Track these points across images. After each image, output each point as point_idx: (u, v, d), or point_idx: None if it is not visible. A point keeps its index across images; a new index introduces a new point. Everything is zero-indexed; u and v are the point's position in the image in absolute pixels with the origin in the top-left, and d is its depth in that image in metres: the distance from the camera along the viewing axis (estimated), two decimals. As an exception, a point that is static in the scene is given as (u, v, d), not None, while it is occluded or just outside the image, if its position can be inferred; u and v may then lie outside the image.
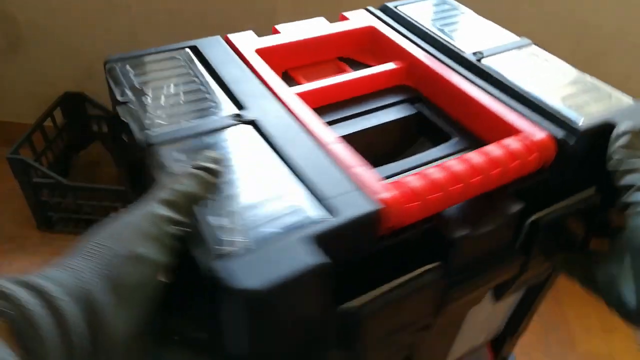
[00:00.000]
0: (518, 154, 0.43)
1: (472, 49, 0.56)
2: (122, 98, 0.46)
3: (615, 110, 0.48)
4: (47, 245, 1.39)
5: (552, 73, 0.53)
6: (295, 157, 0.40)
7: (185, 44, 0.53)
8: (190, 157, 0.39)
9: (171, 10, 1.33)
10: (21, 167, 1.27)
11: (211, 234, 0.33)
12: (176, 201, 0.33)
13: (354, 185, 0.38)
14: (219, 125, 0.43)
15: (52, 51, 1.47)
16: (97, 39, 1.43)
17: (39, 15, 1.41)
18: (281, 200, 0.36)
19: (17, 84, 1.55)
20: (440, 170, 0.40)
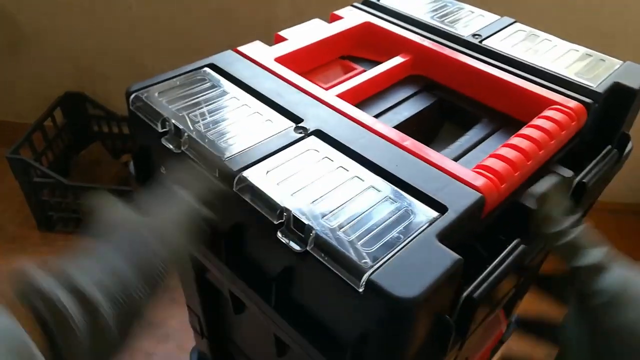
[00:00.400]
0: (565, 124, 0.46)
1: (468, 32, 0.59)
2: (165, 129, 0.43)
3: (614, 72, 0.53)
4: (47, 245, 1.38)
5: (546, 46, 0.58)
6: (376, 160, 0.40)
7: (201, 62, 0.50)
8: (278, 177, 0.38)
9: (171, 10, 1.34)
10: (21, 166, 1.26)
11: (350, 250, 0.33)
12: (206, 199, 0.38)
13: (447, 178, 0.39)
14: (289, 141, 0.41)
15: (53, 51, 1.46)
16: (97, 38, 1.42)
17: (39, 15, 1.41)
18: (387, 205, 0.37)
19: (17, 84, 1.54)
20: (511, 150, 0.42)
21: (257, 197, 0.37)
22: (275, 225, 0.36)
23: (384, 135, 0.43)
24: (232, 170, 0.38)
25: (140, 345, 1.18)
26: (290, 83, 0.48)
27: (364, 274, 0.32)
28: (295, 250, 0.35)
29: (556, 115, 0.47)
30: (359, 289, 0.32)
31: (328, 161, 0.40)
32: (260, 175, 0.38)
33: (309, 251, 0.34)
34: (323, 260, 0.33)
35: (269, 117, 0.44)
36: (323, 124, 0.43)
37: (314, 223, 0.35)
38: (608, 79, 0.52)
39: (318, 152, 0.41)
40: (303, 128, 0.43)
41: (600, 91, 0.50)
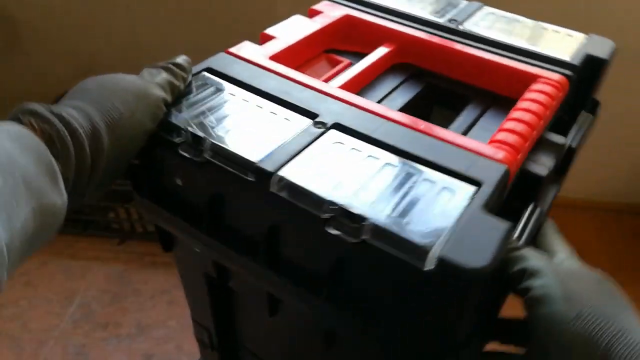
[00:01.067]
0: (554, 96, 0.50)
1: (444, 18, 0.61)
2: (181, 139, 0.42)
3: (583, 45, 0.58)
4: (47, 245, 1.31)
5: (517, 26, 0.61)
6: (401, 145, 0.41)
7: (198, 68, 0.49)
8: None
9: (171, 10, 1.34)
10: None
11: (407, 232, 0.34)
12: (167, 87, 0.44)
13: (473, 155, 0.41)
14: (313, 137, 0.42)
15: (52, 51, 1.47)
16: (97, 39, 1.42)
17: (38, 15, 1.41)
18: (427, 186, 0.38)
19: (17, 84, 1.53)
20: (518, 123, 0.45)
21: (300, 194, 0.37)
22: (323, 219, 0.36)
23: (400, 122, 0.44)
24: (268, 171, 0.38)
25: (140, 345, 1.17)
26: (293, 80, 0.48)
27: (428, 253, 0.33)
28: (350, 241, 0.35)
29: (546, 88, 0.50)
30: (426, 268, 0.33)
31: (356, 152, 0.41)
32: (297, 173, 0.38)
33: (366, 240, 0.35)
34: (382, 246, 0.34)
35: (285, 116, 0.44)
36: (339, 117, 0.44)
37: (366, 212, 0.35)
38: (580, 52, 0.56)
39: (343, 144, 0.41)
40: (322, 123, 0.43)
41: (576, 63, 0.54)
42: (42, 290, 1.32)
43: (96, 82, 0.42)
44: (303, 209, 0.37)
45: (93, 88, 0.41)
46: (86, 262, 1.37)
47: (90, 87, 0.41)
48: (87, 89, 0.41)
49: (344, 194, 0.37)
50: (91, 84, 0.42)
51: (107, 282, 1.33)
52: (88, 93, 0.40)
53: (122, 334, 1.21)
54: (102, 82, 0.42)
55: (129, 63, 1.38)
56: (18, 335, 1.22)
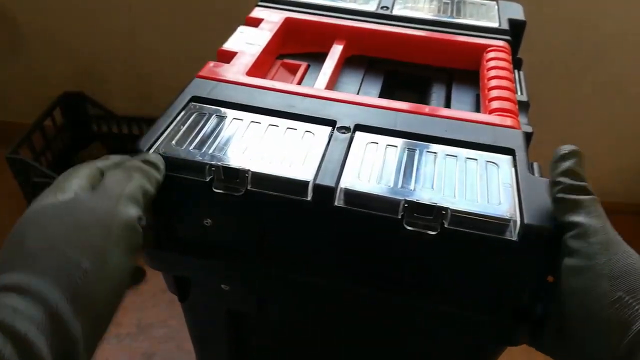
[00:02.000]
0: (508, 59, 0.55)
1: (374, 7, 0.64)
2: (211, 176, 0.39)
3: (499, 11, 0.64)
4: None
5: (437, 3, 0.66)
6: (427, 132, 0.43)
7: (182, 100, 0.45)
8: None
9: (171, 10, 1.33)
10: (21, 167, 1.26)
11: (486, 211, 0.36)
12: (139, 198, 0.34)
13: (490, 127, 0.44)
14: (346, 143, 0.41)
15: (52, 51, 1.47)
16: (97, 39, 1.43)
17: (39, 15, 1.41)
18: (473, 165, 0.40)
19: (17, 84, 1.55)
20: (501, 90, 0.49)
21: (370, 200, 0.37)
22: (399, 220, 0.37)
23: (407, 110, 0.46)
24: (330, 187, 0.37)
25: (141, 345, 1.15)
26: (287, 92, 0.47)
27: (512, 224, 0.35)
28: (431, 234, 0.36)
29: (501, 55, 0.55)
30: (514, 239, 0.35)
31: (392, 147, 0.42)
32: (357, 181, 0.38)
33: (447, 229, 0.36)
34: (467, 230, 0.36)
35: (305, 129, 0.43)
36: (356, 118, 0.44)
37: (440, 202, 0.36)
38: (502, 18, 0.63)
39: (377, 143, 0.42)
40: (345, 128, 0.43)
41: (506, 28, 0.60)
42: None
43: (39, 226, 0.30)
44: (374, 215, 0.37)
45: (38, 240, 0.29)
46: None
47: (34, 239, 0.29)
48: (28, 246, 0.29)
49: (411, 190, 0.37)
50: (34, 232, 0.30)
51: None
52: (32, 252, 0.29)
53: (123, 333, 1.19)
54: (49, 225, 0.30)
55: (129, 63, 1.41)
56: None
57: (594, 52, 1.31)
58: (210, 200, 0.39)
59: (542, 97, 1.35)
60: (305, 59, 0.59)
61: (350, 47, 0.60)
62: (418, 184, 0.38)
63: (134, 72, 1.42)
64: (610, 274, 0.32)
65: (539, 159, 0.45)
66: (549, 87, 1.34)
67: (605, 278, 0.32)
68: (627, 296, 0.31)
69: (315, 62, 0.58)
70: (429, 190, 0.38)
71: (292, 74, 0.57)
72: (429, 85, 0.58)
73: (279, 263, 0.42)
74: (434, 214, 0.36)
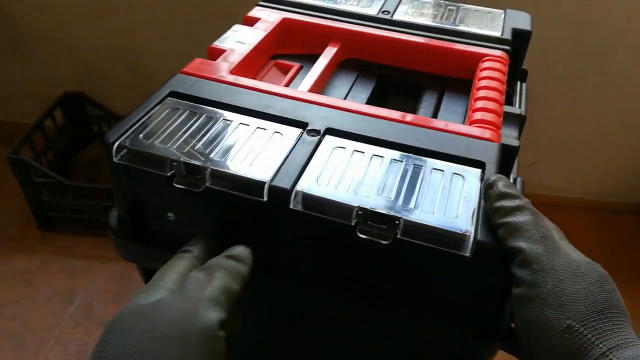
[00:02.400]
0: (503, 70, 0.53)
1: (375, 10, 0.63)
2: (173, 171, 0.39)
3: (504, 20, 0.62)
4: (47, 245, 1.42)
5: (442, 10, 0.65)
6: (398, 140, 0.42)
7: (161, 94, 0.46)
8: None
9: (171, 10, 1.33)
10: (21, 167, 1.27)
11: (441, 224, 0.35)
12: (222, 300, 0.33)
13: (465, 138, 0.43)
14: (312, 146, 0.41)
15: (52, 51, 1.48)
16: (97, 39, 1.43)
17: (39, 15, 1.42)
18: (438, 176, 0.39)
19: (17, 84, 1.56)
20: (487, 101, 0.48)
21: (324, 205, 0.36)
22: (352, 227, 0.36)
23: (386, 117, 0.45)
24: (285, 189, 0.37)
25: None
26: (267, 92, 0.47)
27: (466, 239, 0.34)
28: (383, 244, 0.35)
29: (495, 65, 0.54)
30: (467, 254, 0.34)
31: (358, 153, 0.41)
32: (314, 185, 0.37)
33: (400, 239, 0.35)
34: (420, 242, 0.35)
35: (275, 129, 0.43)
36: (328, 122, 0.44)
37: (395, 212, 0.36)
38: (506, 27, 0.61)
39: (344, 148, 0.41)
40: (315, 130, 0.43)
41: (508, 38, 0.59)
42: (43, 289, 1.32)
43: (122, 334, 0.30)
44: (328, 220, 0.36)
45: (118, 347, 0.30)
46: (87, 261, 1.37)
47: (115, 346, 0.30)
48: (108, 355, 0.30)
49: (367, 197, 0.37)
50: (115, 340, 0.30)
51: (108, 281, 1.33)
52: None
53: None
54: (129, 332, 0.30)
55: (129, 63, 1.43)
56: (19, 334, 1.23)
57: (594, 52, 1.30)
58: (173, 195, 0.40)
59: (542, 97, 1.37)
60: (301, 60, 0.59)
61: (345, 50, 0.60)
62: (377, 192, 0.37)
63: (134, 72, 1.44)
64: (557, 302, 0.30)
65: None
66: (549, 87, 1.34)
67: (552, 307, 0.30)
68: (576, 324, 0.29)
69: (309, 64, 0.58)
70: (386, 199, 0.37)
71: (284, 75, 0.57)
72: (422, 92, 0.56)
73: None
74: (388, 223, 0.35)
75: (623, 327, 0.30)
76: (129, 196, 0.42)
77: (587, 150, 1.51)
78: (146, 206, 0.43)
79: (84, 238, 1.44)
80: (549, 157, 1.53)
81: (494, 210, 0.35)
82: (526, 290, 0.32)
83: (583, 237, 1.63)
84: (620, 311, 0.31)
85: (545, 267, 0.31)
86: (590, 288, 0.31)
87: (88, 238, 1.43)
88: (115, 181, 0.42)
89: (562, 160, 1.54)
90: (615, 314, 0.30)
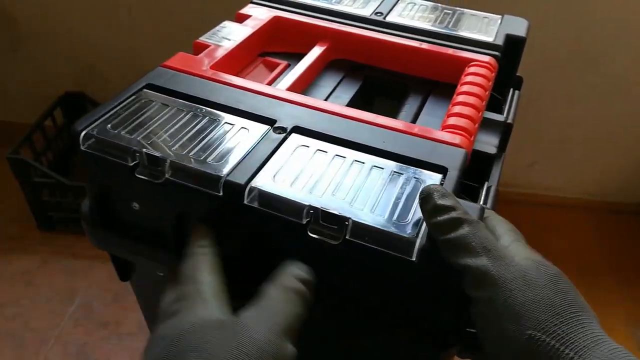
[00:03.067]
0: (488, 77, 0.53)
1: (369, 12, 0.63)
2: (135, 161, 0.40)
3: (499, 26, 0.61)
4: (47, 245, 1.41)
5: (438, 13, 0.64)
6: (363, 141, 0.42)
7: (137, 85, 0.47)
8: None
9: (171, 10, 1.34)
10: (21, 166, 1.28)
11: (390, 227, 0.35)
12: (294, 327, 0.32)
13: (432, 143, 0.42)
14: (275, 143, 0.41)
15: (52, 51, 1.48)
16: (97, 38, 1.43)
17: (39, 15, 1.42)
18: (397, 178, 0.39)
19: (17, 84, 1.56)
20: (464, 107, 0.47)
21: (277, 202, 0.37)
22: (303, 225, 0.36)
23: (356, 118, 0.45)
24: (240, 184, 0.37)
25: (141, 344, 1.20)
26: (241, 88, 0.47)
27: (414, 244, 0.34)
28: (332, 243, 0.35)
29: (480, 71, 0.53)
30: (413, 259, 0.34)
31: (321, 153, 0.41)
32: (269, 182, 0.38)
33: (349, 240, 0.35)
34: (367, 244, 0.35)
35: (242, 125, 0.43)
36: (297, 120, 0.44)
37: (345, 212, 0.35)
38: (500, 32, 0.60)
39: (308, 147, 0.41)
40: (281, 128, 0.43)
41: (500, 43, 0.58)
42: (43, 289, 1.32)
43: (203, 350, 0.29)
44: (280, 217, 0.36)
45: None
46: (87, 261, 1.38)
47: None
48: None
49: (320, 197, 0.37)
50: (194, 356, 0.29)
51: (108, 281, 1.33)
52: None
53: (123, 333, 1.22)
54: (212, 351, 0.29)
55: (129, 63, 1.44)
56: (19, 334, 1.23)
57: (594, 52, 1.30)
58: (136, 185, 0.40)
59: (542, 97, 1.35)
60: (290, 59, 0.59)
61: (334, 50, 0.59)
62: (332, 192, 0.37)
63: (135, 72, 1.43)
64: (513, 314, 0.29)
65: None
66: (549, 87, 1.33)
67: (510, 320, 0.29)
68: (538, 333, 0.28)
69: (297, 62, 0.58)
70: (340, 199, 0.37)
71: (269, 72, 0.57)
72: (406, 95, 0.56)
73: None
74: (338, 224, 0.35)
75: (586, 324, 0.29)
76: (96, 184, 0.43)
77: (586, 150, 1.50)
78: (113, 195, 0.43)
79: (84, 238, 1.39)
80: (548, 157, 1.52)
81: (432, 227, 0.33)
82: (481, 307, 0.31)
83: (582, 237, 1.57)
84: (580, 308, 0.30)
85: (494, 281, 0.30)
86: (544, 292, 0.30)
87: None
88: (84, 167, 0.43)
89: (561, 160, 1.53)
90: (574, 313, 0.29)
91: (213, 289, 0.34)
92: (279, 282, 0.35)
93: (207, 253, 0.37)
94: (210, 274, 0.35)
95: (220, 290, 0.35)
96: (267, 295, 0.34)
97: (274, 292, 0.34)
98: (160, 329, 0.33)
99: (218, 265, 0.37)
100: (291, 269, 0.36)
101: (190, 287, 0.34)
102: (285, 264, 0.36)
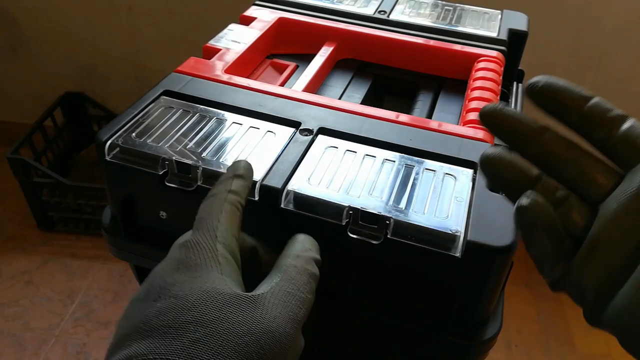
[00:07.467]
0: (498, 71, 0.53)
1: (372, 10, 0.63)
2: (165, 170, 0.39)
3: (501, 21, 0.62)
4: (47, 245, 1.42)
5: (439, 10, 0.65)
6: (390, 140, 0.42)
7: (154, 92, 0.46)
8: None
9: (171, 10, 1.34)
10: (21, 166, 1.28)
11: (431, 223, 0.35)
12: (306, 316, 0.29)
13: (457, 138, 0.43)
14: (305, 145, 0.41)
15: (52, 51, 1.49)
16: (97, 39, 1.44)
17: (39, 15, 1.43)
18: (430, 175, 0.39)
19: (18, 84, 1.57)
20: (481, 102, 0.48)
21: (315, 204, 0.36)
22: (343, 226, 0.36)
23: (378, 117, 0.45)
24: (276, 188, 0.37)
25: None
26: (260, 91, 0.47)
27: (456, 240, 0.34)
28: (374, 243, 0.35)
29: (490, 65, 0.54)
30: (457, 254, 0.34)
31: (351, 153, 0.41)
32: (305, 184, 0.37)
33: (391, 239, 0.35)
34: (410, 242, 0.35)
35: (268, 129, 0.43)
36: (322, 122, 0.44)
37: (385, 211, 0.35)
38: (502, 28, 0.61)
39: (337, 147, 0.41)
40: (308, 130, 0.43)
41: (504, 38, 0.59)
42: (44, 289, 1.33)
43: (212, 322, 0.26)
44: (319, 219, 0.36)
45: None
46: (87, 261, 1.38)
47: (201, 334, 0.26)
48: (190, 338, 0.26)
49: (358, 197, 0.37)
50: (203, 330, 0.26)
51: (108, 281, 1.34)
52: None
53: None
54: (223, 329, 0.26)
55: (129, 63, 1.44)
56: (19, 334, 1.23)
57: (594, 51, 1.30)
58: (165, 194, 0.40)
59: None
60: (297, 60, 0.59)
61: (341, 50, 0.60)
62: (368, 192, 0.37)
63: (134, 72, 1.45)
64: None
65: None
66: None
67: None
68: None
69: (305, 63, 0.58)
70: (377, 199, 0.37)
71: (279, 74, 0.57)
72: (417, 93, 0.56)
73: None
74: (378, 223, 0.35)
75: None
76: (121, 194, 0.42)
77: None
78: (138, 205, 0.43)
79: (84, 238, 1.44)
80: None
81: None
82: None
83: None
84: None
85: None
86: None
87: (88, 238, 1.44)
88: (107, 179, 0.42)
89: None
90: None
91: (231, 249, 0.30)
92: (299, 265, 0.31)
93: (234, 202, 0.32)
94: (230, 229, 0.31)
95: (237, 252, 0.31)
96: (286, 276, 0.30)
97: (293, 272, 0.30)
98: (164, 280, 0.29)
99: (239, 219, 0.32)
100: (308, 252, 0.32)
101: (206, 241, 0.30)
102: (299, 240, 0.33)
